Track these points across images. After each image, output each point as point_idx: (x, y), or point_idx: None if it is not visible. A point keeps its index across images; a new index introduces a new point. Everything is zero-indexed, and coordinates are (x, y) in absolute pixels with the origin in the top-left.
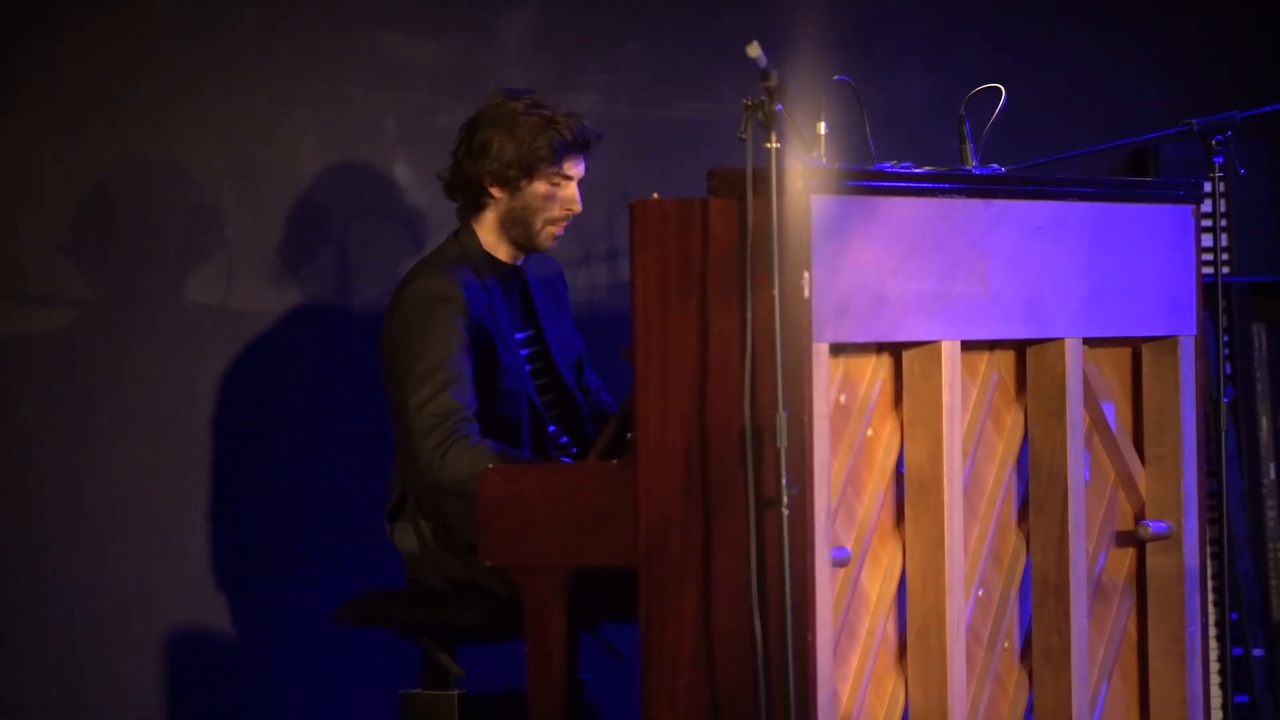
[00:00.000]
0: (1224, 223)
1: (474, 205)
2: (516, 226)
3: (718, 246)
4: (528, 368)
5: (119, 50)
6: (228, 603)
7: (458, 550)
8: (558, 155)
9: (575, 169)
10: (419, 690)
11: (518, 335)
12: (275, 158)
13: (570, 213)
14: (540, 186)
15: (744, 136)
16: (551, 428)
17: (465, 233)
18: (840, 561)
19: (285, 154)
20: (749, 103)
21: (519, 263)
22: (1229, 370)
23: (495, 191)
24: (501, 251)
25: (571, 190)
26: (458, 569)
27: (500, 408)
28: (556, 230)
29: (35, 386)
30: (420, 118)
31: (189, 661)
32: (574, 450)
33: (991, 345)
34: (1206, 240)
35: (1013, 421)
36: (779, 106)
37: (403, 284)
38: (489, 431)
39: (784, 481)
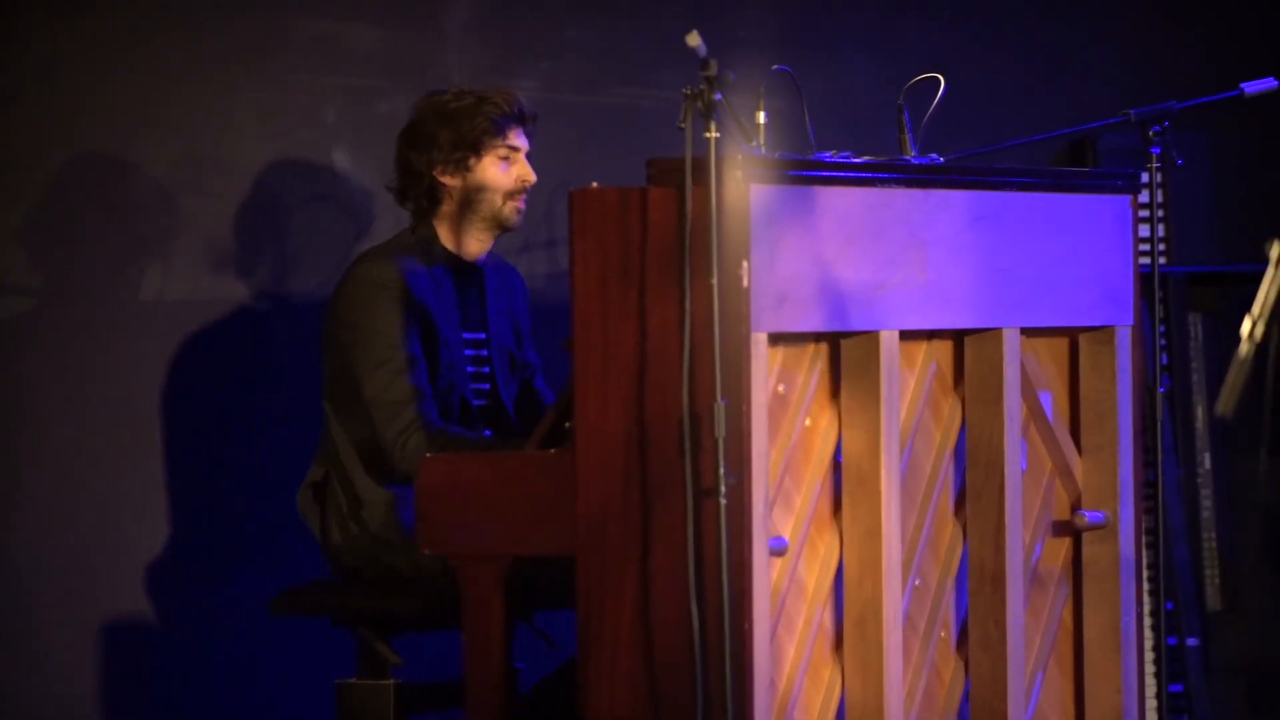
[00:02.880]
0: (1161, 213)
1: (429, 203)
2: (479, 209)
3: (657, 235)
4: (470, 369)
5: (59, 39)
6: (167, 592)
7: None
8: (499, 128)
9: (519, 140)
10: (355, 679)
11: (466, 335)
12: (216, 145)
13: (526, 184)
14: (490, 163)
15: (683, 125)
16: (487, 432)
17: (422, 226)
18: (778, 551)
19: (226, 141)
20: (689, 92)
21: (481, 260)
22: (1165, 360)
23: (448, 180)
24: (463, 247)
25: (522, 161)
26: (397, 559)
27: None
28: (518, 204)
29: None
30: (362, 105)
31: (128, 650)
32: None
33: (930, 335)
34: (1144, 230)
35: (950, 411)
36: (718, 95)
37: (349, 268)
38: None
39: (722, 471)
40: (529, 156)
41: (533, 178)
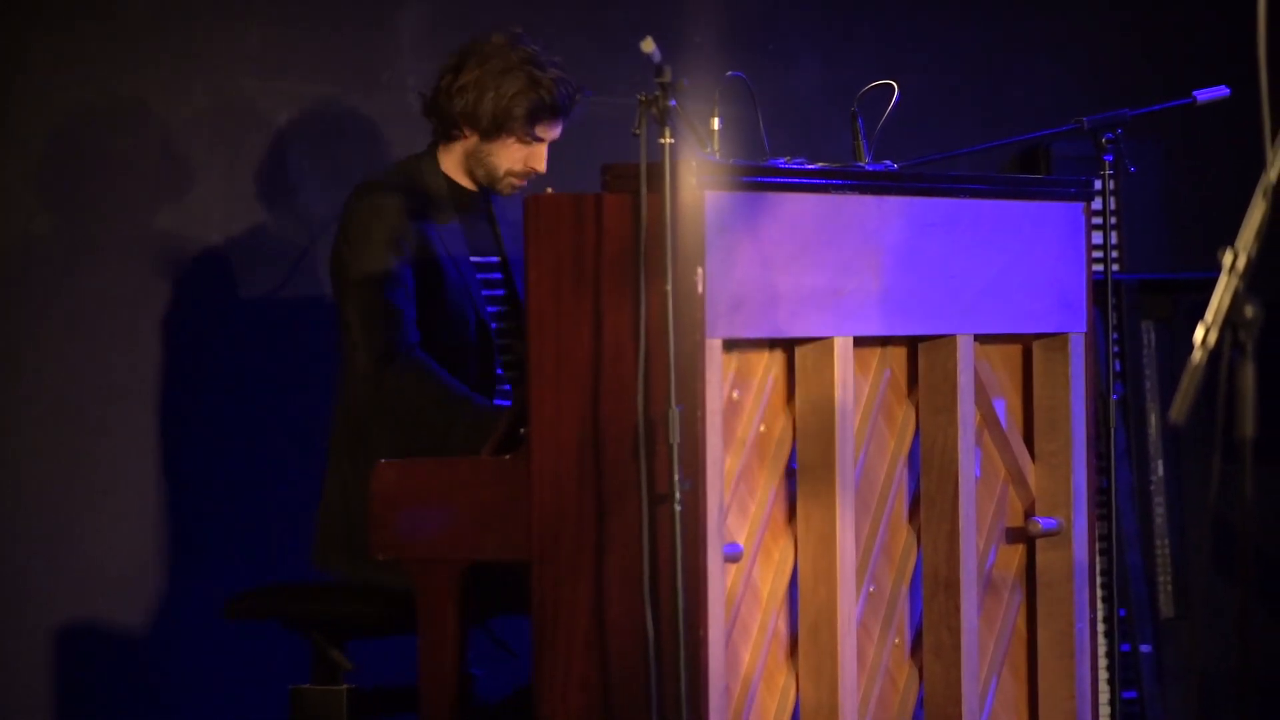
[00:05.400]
0: (1114, 220)
1: (445, 134)
2: (480, 168)
3: (611, 242)
4: (484, 292)
5: (7, 37)
6: (121, 595)
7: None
8: (531, 119)
9: (548, 132)
10: (309, 685)
11: (475, 259)
12: (168, 148)
13: (531, 173)
14: (511, 142)
15: (638, 132)
16: (500, 372)
17: (426, 156)
18: (732, 557)
19: (178, 144)
20: (643, 98)
21: (479, 190)
22: (1119, 367)
23: (467, 130)
24: (464, 180)
25: (541, 151)
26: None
27: (441, 334)
28: (517, 182)
29: None
30: (314, 109)
31: (80, 656)
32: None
33: (884, 341)
34: (1097, 238)
35: (904, 418)
36: (673, 102)
37: (346, 201)
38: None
39: (676, 477)
40: (552, 143)
41: (542, 168)
